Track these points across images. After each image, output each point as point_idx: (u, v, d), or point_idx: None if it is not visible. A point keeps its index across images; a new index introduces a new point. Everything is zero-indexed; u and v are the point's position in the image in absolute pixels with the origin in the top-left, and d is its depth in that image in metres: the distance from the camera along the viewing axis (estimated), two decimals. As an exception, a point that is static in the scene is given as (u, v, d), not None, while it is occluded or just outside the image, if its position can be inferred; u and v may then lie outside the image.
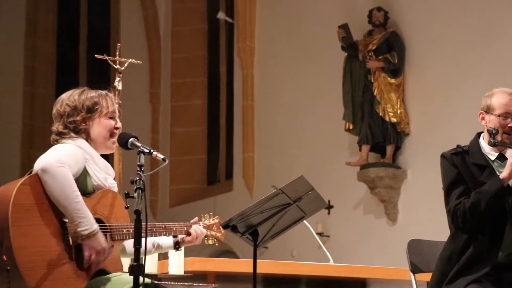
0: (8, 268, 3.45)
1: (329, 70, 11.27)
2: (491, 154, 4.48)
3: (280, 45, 12.54)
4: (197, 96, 15.23)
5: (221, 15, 14.23)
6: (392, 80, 10.60)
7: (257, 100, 12.88)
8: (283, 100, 12.33)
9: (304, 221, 6.35)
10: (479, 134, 4.59)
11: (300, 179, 4.32)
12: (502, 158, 4.41)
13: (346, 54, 11.02)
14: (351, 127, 10.89)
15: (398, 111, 10.55)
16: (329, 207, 10.69)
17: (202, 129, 15.17)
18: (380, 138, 10.64)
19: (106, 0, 16.50)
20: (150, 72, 15.15)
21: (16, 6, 16.21)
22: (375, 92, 10.61)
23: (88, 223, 3.59)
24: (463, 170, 4.49)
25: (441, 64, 9.95)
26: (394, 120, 10.54)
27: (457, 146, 4.58)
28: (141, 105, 14.76)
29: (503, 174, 4.27)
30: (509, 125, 4.40)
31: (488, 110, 4.48)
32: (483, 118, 4.51)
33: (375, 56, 10.64)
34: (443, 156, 4.55)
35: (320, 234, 6.08)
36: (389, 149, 10.61)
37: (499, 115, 4.41)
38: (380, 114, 10.58)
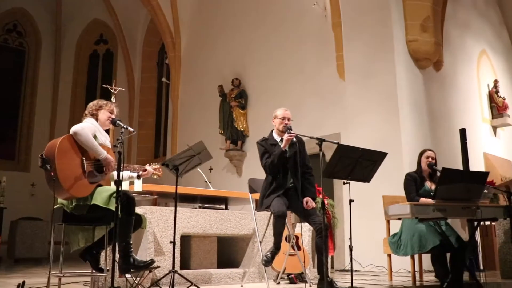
0: (54, 179, 3.20)
1: (213, 105, 11.08)
2: (278, 139, 4.61)
3: (192, 95, 12.24)
4: (150, 116, 14.75)
5: (163, 79, 13.84)
6: (242, 111, 10.47)
7: (179, 120, 12.56)
8: (191, 121, 12.03)
9: (200, 171, 6.16)
10: (272, 130, 4.71)
11: (200, 142, 4.16)
12: (282, 141, 4.49)
13: (221, 99, 10.84)
14: (222, 132, 10.71)
15: (244, 125, 10.45)
16: (211, 169, 10.49)
17: (152, 132, 14.67)
18: (235, 137, 10.50)
19: (111, 64, 15.86)
20: (128, 106, 14.68)
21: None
22: (234, 116, 10.46)
23: (102, 153, 3.48)
24: (266, 147, 4.55)
25: (264, 104, 9.92)
26: (242, 129, 10.43)
27: (263, 137, 4.66)
28: (123, 114, 14.22)
29: (282, 145, 4.46)
30: (284, 122, 4.58)
31: (275, 117, 4.69)
32: (273, 121, 4.67)
33: (234, 100, 10.49)
34: (257, 142, 4.68)
35: (207, 180, 5.94)
36: (239, 143, 10.47)
37: (280, 118, 4.61)
38: (236, 126, 10.45)
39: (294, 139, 4.51)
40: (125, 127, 3.45)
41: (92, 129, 3.56)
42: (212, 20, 11.89)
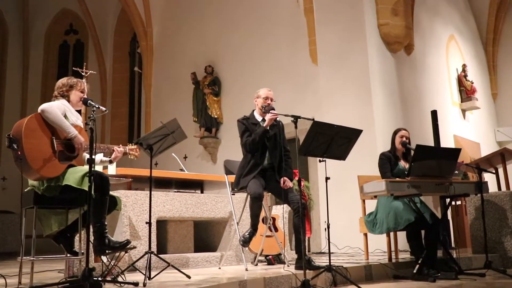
0: (21, 158, 3.04)
1: (187, 93, 10.94)
2: (259, 118, 4.52)
3: (165, 84, 12.08)
4: (123, 106, 14.47)
5: (136, 69, 13.61)
6: (215, 98, 10.37)
7: (153, 110, 12.38)
8: (165, 109, 11.83)
9: (175, 156, 6.04)
10: (253, 110, 4.59)
11: (174, 120, 4.04)
12: (263, 120, 4.41)
13: (194, 86, 10.71)
14: (196, 120, 10.60)
15: (218, 112, 10.35)
16: (185, 157, 10.38)
17: (125, 123, 14.42)
18: (209, 125, 10.39)
19: (81, 55, 15.44)
20: (101, 96, 14.39)
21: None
22: (207, 104, 10.37)
23: (73, 131, 3.32)
24: (247, 125, 4.47)
25: (238, 91, 9.85)
26: (216, 116, 10.33)
27: (244, 116, 4.57)
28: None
29: (265, 124, 4.34)
30: (267, 102, 4.48)
31: (258, 96, 4.59)
32: (255, 101, 4.54)
33: (207, 87, 10.38)
34: (238, 120, 4.57)
35: (183, 168, 5.82)
36: (214, 130, 10.37)
37: (263, 98, 4.50)
38: (210, 113, 10.34)
39: (278, 118, 4.47)
40: (96, 106, 3.30)
41: (61, 107, 3.39)
42: (183, 8, 11.72)
